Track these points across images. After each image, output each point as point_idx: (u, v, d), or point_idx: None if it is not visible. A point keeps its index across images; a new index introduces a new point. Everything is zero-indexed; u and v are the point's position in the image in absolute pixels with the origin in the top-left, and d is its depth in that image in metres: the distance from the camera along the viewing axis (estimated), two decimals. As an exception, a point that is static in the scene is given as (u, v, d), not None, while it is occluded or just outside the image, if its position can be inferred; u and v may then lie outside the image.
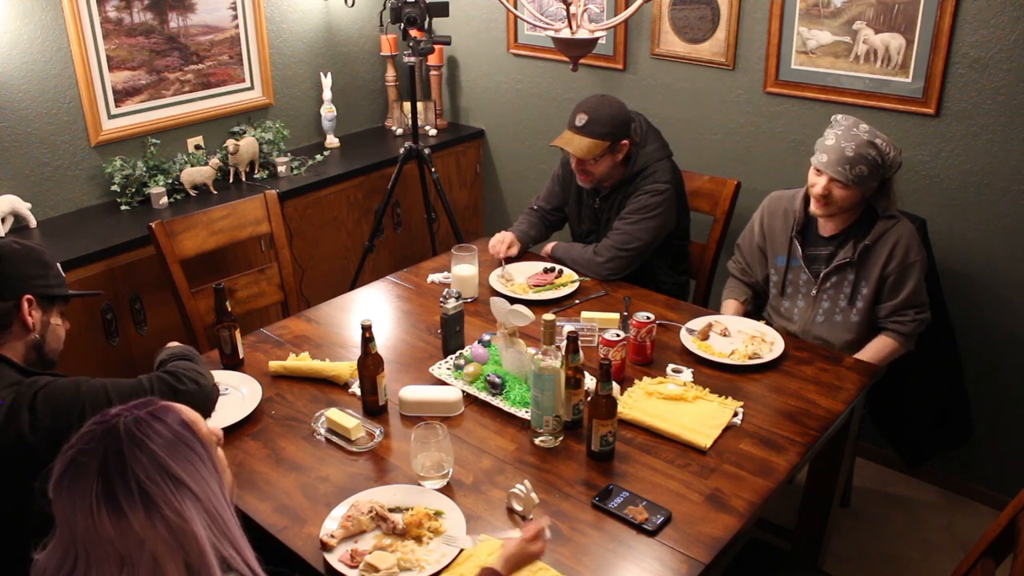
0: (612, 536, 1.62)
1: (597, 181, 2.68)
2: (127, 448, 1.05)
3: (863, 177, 2.26)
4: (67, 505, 1.04)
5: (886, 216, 2.34)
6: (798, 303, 2.49)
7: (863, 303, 2.38)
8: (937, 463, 2.94)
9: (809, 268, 2.45)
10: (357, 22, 3.82)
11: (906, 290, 2.34)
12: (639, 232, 2.62)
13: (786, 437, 1.90)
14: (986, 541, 1.62)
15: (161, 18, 3.12)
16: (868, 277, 2.36)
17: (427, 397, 1.99)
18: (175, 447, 1.08)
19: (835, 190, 2.30)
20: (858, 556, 2.68)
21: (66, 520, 1.05)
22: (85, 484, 1.03)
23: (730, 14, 3.02)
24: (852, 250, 2.36)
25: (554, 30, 1.97)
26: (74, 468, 1.05)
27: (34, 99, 2.85)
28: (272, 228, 2.87)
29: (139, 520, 1.02)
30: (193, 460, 1.09)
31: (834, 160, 2.26)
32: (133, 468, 1.04)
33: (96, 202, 3.10)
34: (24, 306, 1.62)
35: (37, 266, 1.67)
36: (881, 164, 2.26)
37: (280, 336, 2.35)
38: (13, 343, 1.62)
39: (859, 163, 2.24)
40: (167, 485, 1.05)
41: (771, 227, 2.53)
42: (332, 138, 3.74)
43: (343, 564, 1.54)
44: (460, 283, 2.50)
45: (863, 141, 2.24)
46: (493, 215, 4.18)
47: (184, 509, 1.05)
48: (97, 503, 1.02)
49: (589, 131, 2.56)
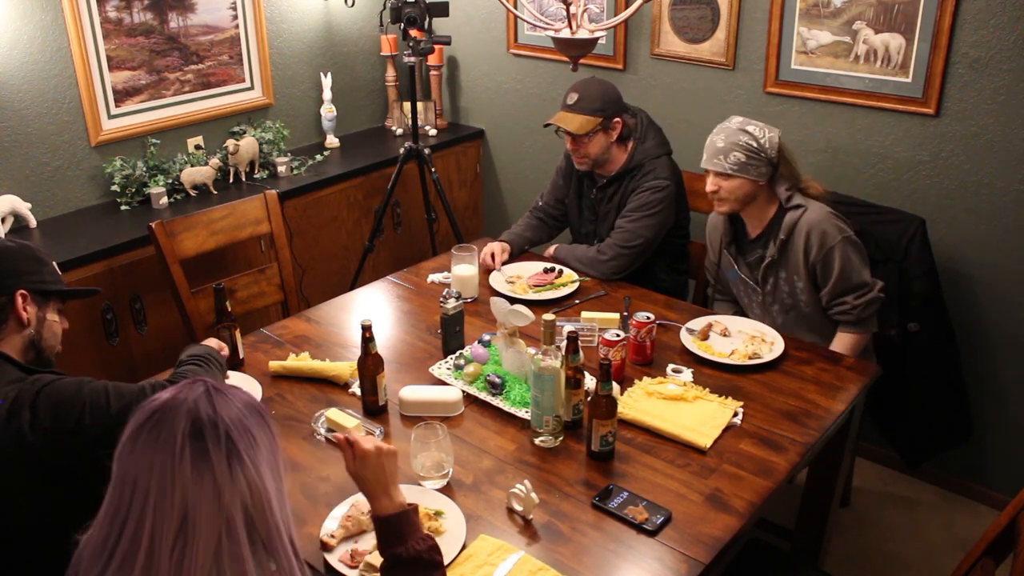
0: (612, 536, 1.62)
1: (593, 162, 2.70)
2: (217, 400, 1.05)
3: (742, 163, 2.29)
4: (144, 452, 1.01)
5: (791, 207, 2.33)
6: (755, 311, 2.51)
7: (805, 296, 2.37)
8: (937, 463, 2.94)
9: (750, 275, 2.47)
10: (357, 22, 3.82)
11: (833, 276, 2.30)
12: (641, 229, 2.63)
13: (786, 437, 1.90)
14: (986, 541, 1.62)
15: (161, 18, 3.12)
16: (796, 271, 2.35)
17: (427, 397, 1.99)
18: (254, 414, 1.08)
19: (722, 184, 2.34)
20: (858, 556, 2.68)
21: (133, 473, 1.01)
22: (173, 427, 1.01)
23: (730, 14, 3.02)
24: (773, 247, 2.37)
25: (554, 30, 1.97)
26: (160, 415, 1.03)
27: (34, 99, 2.85)
28: (272, 228, 2.87)
29: (222, 468, 1.00)
30: (267, 432, 1.08)
31: (710, 154, 2.34)
32: (223, 415, 1.03)
33: (96, 202, 3.10)
34: (18, 301, 1.62)
35: (31, 262, 1.68)
36: (758, 148, 2.28)
37: (280, 336, 2.35)
38: (10, 338, 1.63)
39: (732, 150, 2.29)
40: (250, 440, 1.04)
41: (713, 245, 2.59)
42: (332, 138, 3.74)
43: (343, 564, 1.54)
44: (460, 283, 2.50)
45: (732, 130, 2.31)
46: (493, 215, 4.18)
47: (261, 466, 1.04)
48: (183, 444, 1.00)
49: (580, 108, 2.61)
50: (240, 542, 1.01)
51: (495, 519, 1.67)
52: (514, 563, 1.54)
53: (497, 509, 1.70)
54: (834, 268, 2.29)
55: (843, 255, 2.28)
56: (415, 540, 1.36)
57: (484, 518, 1.67)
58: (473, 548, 1.58)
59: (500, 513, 1.69)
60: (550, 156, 3.80)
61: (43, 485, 1.52)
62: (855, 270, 2.30)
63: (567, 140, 2.68)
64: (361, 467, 1.41)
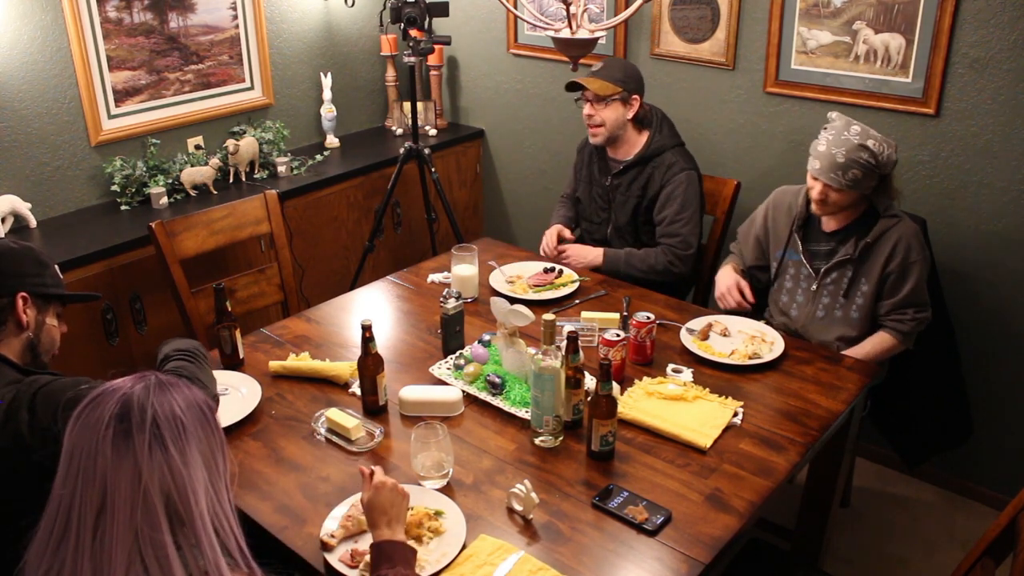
0: (612, 536, 1.62)
1: (608, 136, 2.75)
2: (154, 391, 1.08)
3: (858, 180, 2.26)
4: (77, 433, 1.05)
5: (888, 215, 2.34)
6: (797, 298, 2.50)
7: (863, 300, 2.38)
8: (937, 463, 2.94)
9: (810, 263, 2.45)
10: (357, 22, 3.82)
11: (906, 288, 2.34)
12: (692, 228, 2.73)
13: (786, 437, 1.90)
14: (986, 541, 1.62)
15: (161, 18, 3.12)
16: (868, 275, 2.36)
17: (427, 397, 1.99)
18: (193, 410, 1.10)
19: (831, 194, 2.31)
20: (858, 556, 2.68)
21: (68, 452, 1.05)
22: (103, 409, 1.05)
23: (730, 14, 3.02)
24: (853, 247, 2.36)
25: (554, 30, 1.97)
26: (99, 397, 1.07)
27: (34, 99, 2.85)
28: (272, 228, 2.87)
29: (143, 451, 1.03)
30: (206, 429, 1.10)
31: (826, 167, 2.27)
32: (154, 405, 1.06)
33: (96, 202, 3.10)
34: (19, 303, 1.62)
35: (33, 264, 1.67)
36: (876, 165, 2.25)
37: (280, 336, 2.35)
38: (9, 340, 1.63)
39: (852, 167, 2.24)
40: (178, 431, 1.06)
41: (775, 221, 2.54)
42: (332, 138, 3.74)
43: (343, 564, 1.54)
44: (460, 283, 2.50)
45: (854, 145, 2.23)
46: (493, 215, 4.18)
47: (190, 455, 1.06)
48: (108, 424, 1.03)
49: (603, 75, 2.71)
50: (159, 528, 1.02)
51: (495, 519, 1.67)
52: (514, 563, 1.54)
53: (497, 509, 1.70)
54: (908, 283, 2.34)
55: (920, 274, 2.34)
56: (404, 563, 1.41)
57: (484, 518, 1.67)
58: (473, 548, 1.58)
59: (500, 513, 1.69)
60: (550, 156, 3.80)
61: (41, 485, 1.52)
62: (923, 289, 2.37)
63: (586, 108, 2.75)
64: (373, 495, 1.51)
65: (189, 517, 1.04)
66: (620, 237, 2.86)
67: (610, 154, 2.83)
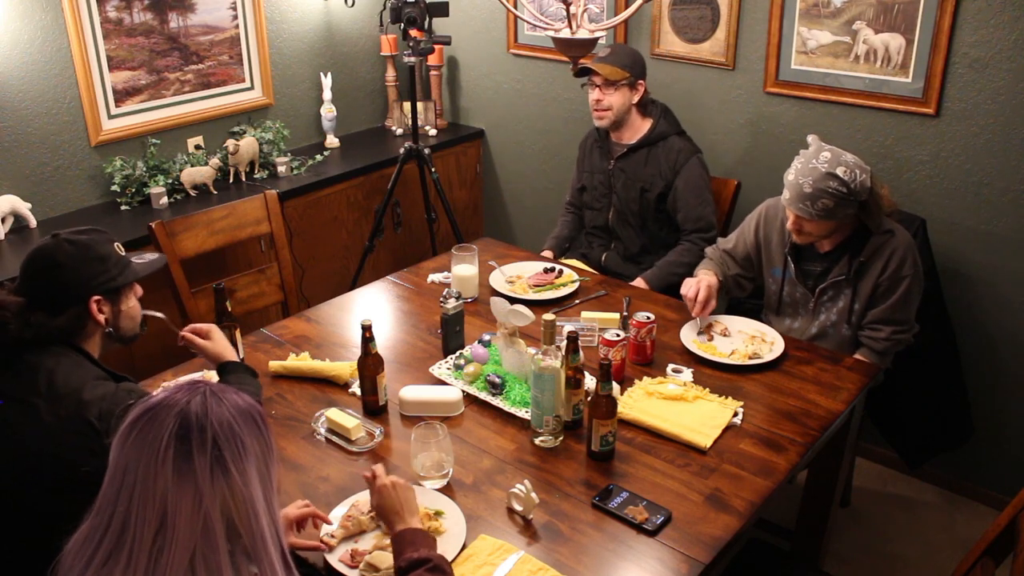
0: (612, 536, 1.62)
1: (614, 119, 2.79)
2: (211, 402, 1.06)
3: (829, 209, 2.16)
4: (132, 448, 1.02)
5: (881, 232, 2.27)
6: (795, 317, 2.47)
7: (856, 319, 2.35)
8: (937, 463, 2.94)
9: (804, 283, 2.40)
10: (357, 22, 3.82)
11: (889, 302, 2.28)
12: (709, 207, 2.80)
13: (786, 437, 1.90)
14: (986, 541, 1.62)
15: (161, 18, 3.12)
16: (862, 292, 2.32)
17: (427, 397, 1.99)
18: (247, 420, 1.08)
19: (804, 224, 2.24)
20: (858, 556, 2.68)
21: (122, 467, 1.02)
22: (161, 425, 1.02)
23: (730, 14, 3.02)
24: (847, 266, 2.31)
25: (554, 30, 1.97)
26: (153, 411, 1.04)
27: (34, 99, 2.85)
28: (272, 228, 2.87)
29: (204, 475, 1.01)
30: (260, 440, 1.09)
31: (795, 196, 2.20)
32: (212, 420, 1.04)
33: (96, 202, 3.10)
34: (93, 308, 1.62)
35: (95, 263, 1.63)
36: (847, 193, 2.14)
37: (280, 336, 2.35)
38: (91, 339, 1.65)
39: (821, 197, 2.15)
40: (238, 451, 1.05)
41: (767, 236, 2.47)
42: (332, 138, 3.74)
43: (343, 564, 1.54)
44: (460, 283, 2.50)
45: (821, 174, 2.14)
46: (493, 215, 4.18)
47: (249, 475, 1.05)
48: (167, 444, 1.01)
49: (612, 60, 2.77)
50: (218, 549, 1.01)
51: (495, 519, 1.67)
52: (514, 563, 1.54)
53: (497, 509, 1.70)
54: (894, 295, 2.27)
55: (908, 289, 2.27)
56: (426, 546, 1.43)
57: (484, 518, 1.67)
58: (473, 548, 1.58)
59: (500, 513, 1.69)
60: (550, 156, 3.80)
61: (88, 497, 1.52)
62: (909, 307, 2.31)
63: (595, 93, 2.78)
64: (380, 499, 1.54)
65: (250, 536, 1.04)
66: (622, 223, 2.88)
67: (613, 138, 2.87)
